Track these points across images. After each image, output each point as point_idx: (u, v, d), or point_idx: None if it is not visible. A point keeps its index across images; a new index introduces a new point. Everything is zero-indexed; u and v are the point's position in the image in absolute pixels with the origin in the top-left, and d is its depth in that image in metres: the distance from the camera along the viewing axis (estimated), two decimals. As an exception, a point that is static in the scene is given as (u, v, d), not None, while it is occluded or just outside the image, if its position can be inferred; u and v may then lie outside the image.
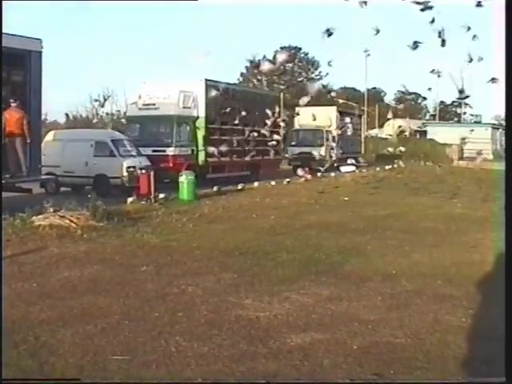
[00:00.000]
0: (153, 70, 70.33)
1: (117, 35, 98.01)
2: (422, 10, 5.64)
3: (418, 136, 57.38)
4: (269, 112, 25.63)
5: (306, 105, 18.59)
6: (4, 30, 11.17)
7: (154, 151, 21.60)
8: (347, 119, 38.08)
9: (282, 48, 69.87)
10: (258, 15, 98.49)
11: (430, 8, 5.64)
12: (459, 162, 41.41)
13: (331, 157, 34.05)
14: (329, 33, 6.66)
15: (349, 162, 35.01)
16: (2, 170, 13.47)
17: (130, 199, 16.51)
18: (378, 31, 6.90)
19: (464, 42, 7.52)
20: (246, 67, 69.76)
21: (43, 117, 21.76)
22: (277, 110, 27.89)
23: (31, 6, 62.99)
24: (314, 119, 29.37)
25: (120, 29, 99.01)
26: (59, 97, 75.08)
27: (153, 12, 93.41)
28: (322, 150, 33.31)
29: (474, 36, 6.99)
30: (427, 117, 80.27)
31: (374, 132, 60.66)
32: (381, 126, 65.00)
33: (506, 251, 4.36)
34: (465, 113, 79.51)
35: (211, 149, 21.66)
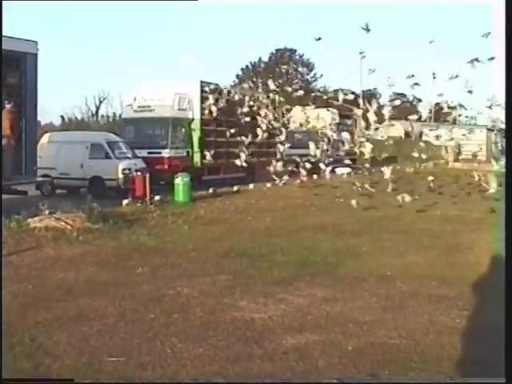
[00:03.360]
0: (148, 72, 70.29)
1: (112, 37, 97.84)
2: None
3: (413, 138, 57.43)
4: (264, 113, 25.67)
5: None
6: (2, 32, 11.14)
7: (149, 153, 21.61)
8: (343, 121, 38.16)
9: (277, 50, 70.19)
10: (253, 17, 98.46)
11: None
12: (454, 163, 41.52)
13: (326, 158, 34.06)
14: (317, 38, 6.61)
15: (344, 163, 35.02)
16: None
17: (125, 201, 16.51)
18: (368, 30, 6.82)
19: (462, 43, 7.57)
20: (242, 69, 69.96)
21: (38, 119, 21.67)
22: (272, 111, 27.94)
23: (27, 7, 62.88)
24: (309, 121, 29.44)
25: (115, 31, 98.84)
26: (55, 99, 74.94)
27: (148, 14, 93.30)
28: (318, 152, 33.32)
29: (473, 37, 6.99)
30: (423, 118, 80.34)
31: (369, 134, 60.69)
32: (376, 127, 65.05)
33: (505, 251, 4.39)
34: (460, 115, 79.66)
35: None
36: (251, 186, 23.07)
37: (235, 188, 21.62)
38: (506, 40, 4.26)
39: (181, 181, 18.00)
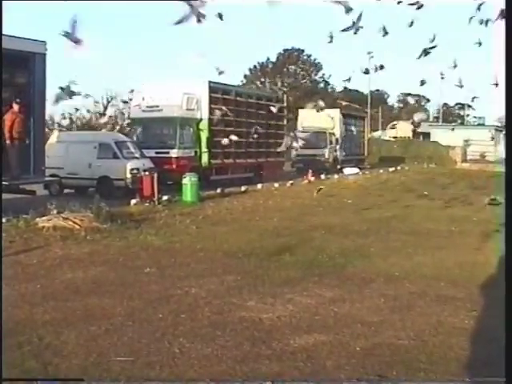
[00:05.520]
0: (156, 72, 70.48)
1: (120, 38, 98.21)
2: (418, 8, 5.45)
3: (421, 138, 57.34)
4: (272, 114, 25.68)
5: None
6: (8, 32, 11.15)
7: (157, 153, 21.62)
8: (350, 121, 38.14)
9: (285, 50, 70.16)
10: (261, 17, 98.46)
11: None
12: (462, 164, 41.39)
13: (335, 159, 34.08)
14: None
15: (352, 164, 35.02)
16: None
17: (133, 201, 16.54)
18: (385, 32, 6.73)
19: (466, 42, 7.50)
20: (250, 69, 70.01)
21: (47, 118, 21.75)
22: (280, 112, 27.94)
23: (34, 7, 63.15)
24: (318, 121, 29.42)
25: (123, 31, 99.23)
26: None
27: (156, 14, 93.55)
28: (326, 152, 33.35)
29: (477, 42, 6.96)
30: (431, 119, 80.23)
31: (377, 134, 60.59)
32: (384, 128, 64.98)
33: (506, 252, 4.37)
34: (468, 115, 79.46)
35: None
36: (259, 186, 23.08)
37: (243, 188, 21.62)
38: (505, 40, 4.24)
39: (189, 181, 18.01)
